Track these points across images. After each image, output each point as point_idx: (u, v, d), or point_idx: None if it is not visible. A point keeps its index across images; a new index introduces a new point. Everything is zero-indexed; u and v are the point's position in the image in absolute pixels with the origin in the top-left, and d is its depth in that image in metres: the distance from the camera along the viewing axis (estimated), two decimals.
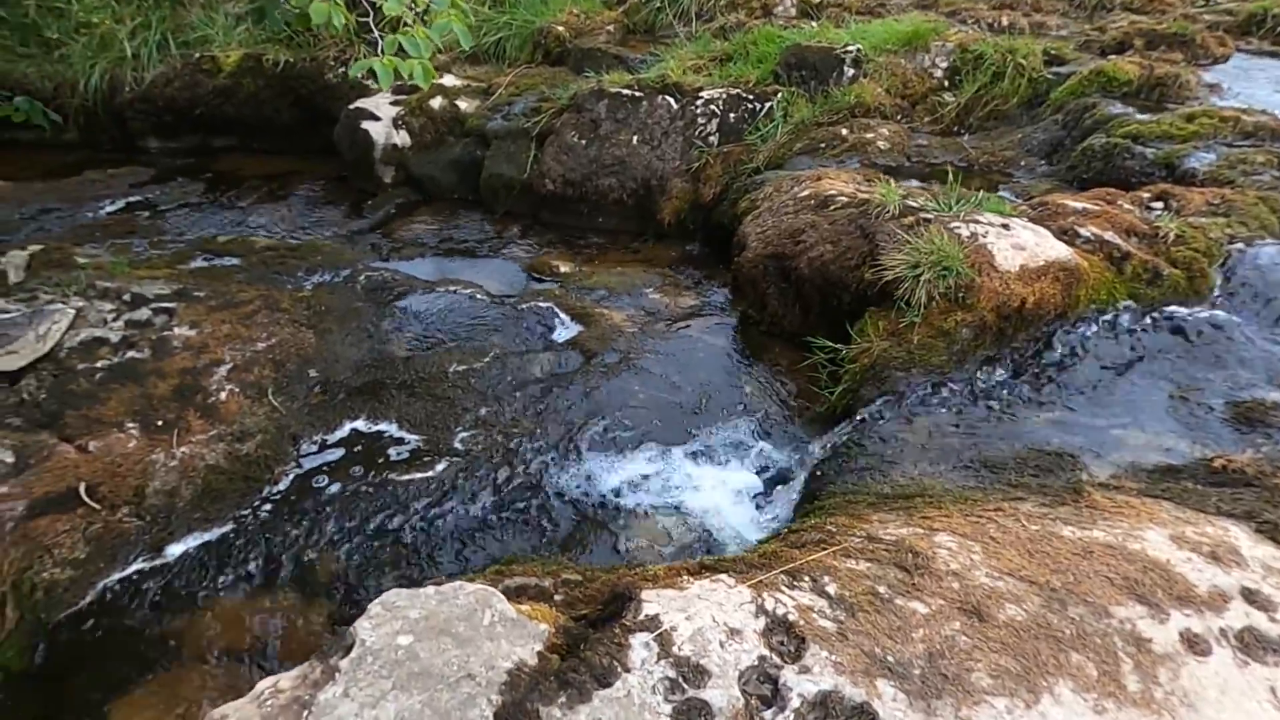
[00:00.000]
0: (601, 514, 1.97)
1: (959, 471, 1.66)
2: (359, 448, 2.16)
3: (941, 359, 1.94)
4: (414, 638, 1.12)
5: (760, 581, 1.31)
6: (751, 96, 3.53)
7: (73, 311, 2.42)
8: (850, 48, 3.52)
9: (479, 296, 2.98)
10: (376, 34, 2.64)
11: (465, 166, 4.08)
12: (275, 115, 4.66)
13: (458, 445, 2.16)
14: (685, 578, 1.38)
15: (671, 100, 3.62)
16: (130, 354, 2.32)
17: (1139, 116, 3.06)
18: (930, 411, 1.85)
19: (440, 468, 2.08)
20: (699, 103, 3.54)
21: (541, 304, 2.90)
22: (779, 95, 3.50)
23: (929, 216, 2.19)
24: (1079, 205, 2.39)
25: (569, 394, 2.36)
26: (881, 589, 1.28)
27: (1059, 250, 2.09)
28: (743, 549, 1.64)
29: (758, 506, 1.95)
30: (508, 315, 2.85)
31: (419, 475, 2.06)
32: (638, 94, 3.67)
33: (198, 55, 4.62)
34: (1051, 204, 2.42)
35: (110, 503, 1.87)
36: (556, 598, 1.50)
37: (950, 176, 2.52)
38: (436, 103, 4.21)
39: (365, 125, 4.14)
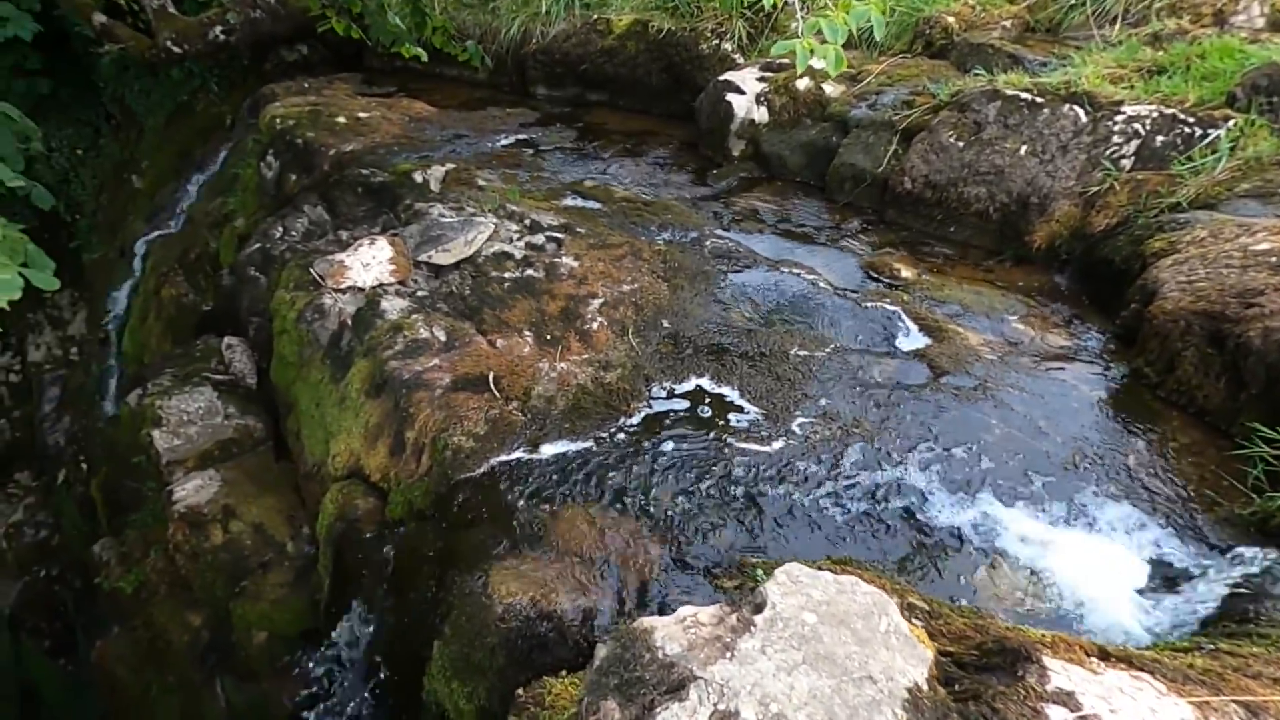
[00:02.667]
0: (941, 545, 1.83)
1: None
2: (703, 405, 2.26)
3: None
4: (818, 619, 1.12)
5: (1206, 703, 1.09)
6: (1191, 119, 2.96)
7: (492, 226, 2.86)
8: None
9: (820, 285, 2.93)
10: (799, 17, 2.66)
11: (816, 151, 4.03)
12: (646, 78, 5.03)
13: (796, 429, 2.15)
14: (1089, 659, 1.21)
15: (1080, 111, 3.17)
16: (529, 272, 2.68)
17: None
18: None
19: (777, 446, 2.10)
20: (1118, 119, 3.06)
21: (886, 306, 2.77)
22: (1231, 122, 2.89)
23: None
24: None
25: (914, 408, 2.23)
26: None
27: None
28: (1149, 648, 1.40)
29: (1142, 600, 1.66)
30: (849, 310, 2.77)
31: (756, 447, 2.09)
32: (1038, 99, 3.28)
33: (595, 17, 5.14)
34: None
35: (506, 395, 2.19)
36: (915, 622, 1.42)
37: None
38: (802, 84, 4.19)
39: (729, 97, 4.27)
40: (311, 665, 2.43)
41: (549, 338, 2.38)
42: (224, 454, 2.84)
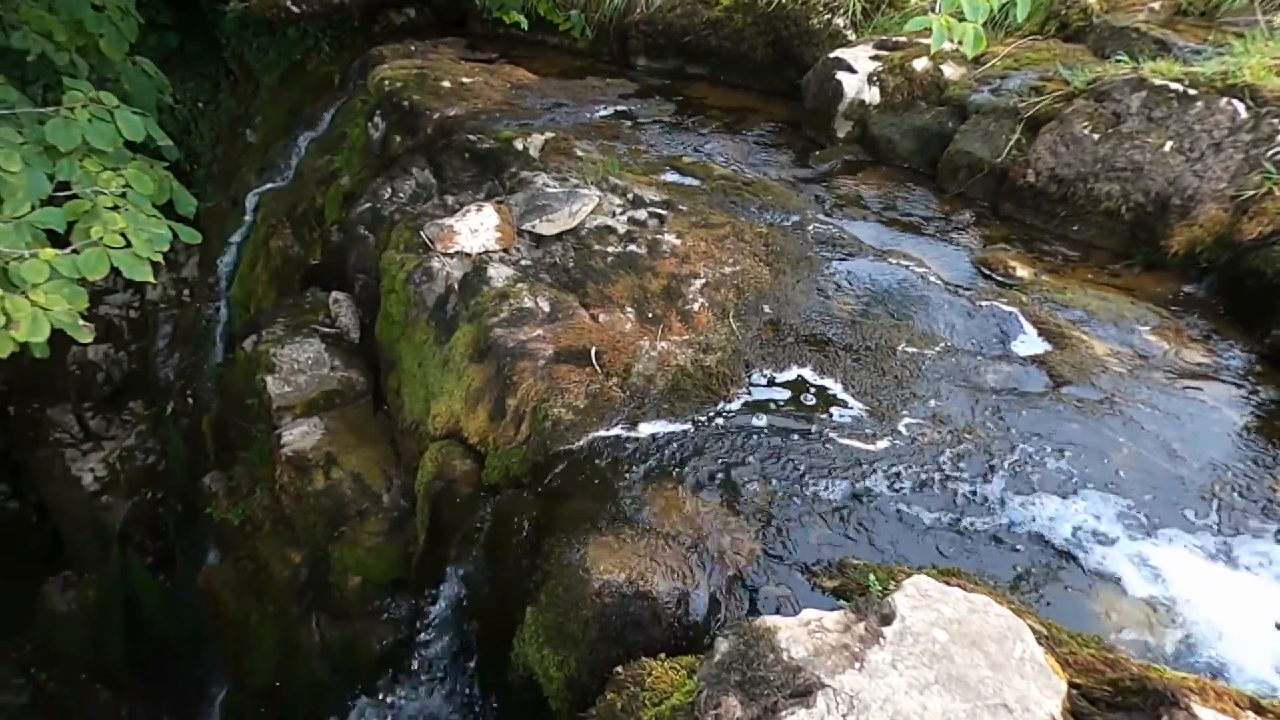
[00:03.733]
0: (1058, 567, 1.73)
1: None
2: (804, 396, 2.20)
3: None
4: (949, 637, 1.07)
5: None
6: None
7: (596, 199, 2.85)
8: None
9: (930, 279, 2.80)
10: None
11: (929, 136, 3.83)
12: (750, 52, 4.88)
13: (902, 429, 2.07)
14: (1242, 711, 1.12)
15: (1239, 106, 2.89)
16: (631, 247, 2.66)
17: None
18: None
19: (882, 445, 2.02)
20: None
21: (1002, 306, 2.62)
22: None
23: None
24: None
25: (1032, 417, 2.11)
26: None
27: None
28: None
29: None
30: (960, 308, 2.64)
31: (859, 444, 2.03)
32: (1190, 91, 3.00)
33: None
34: None
35: (607, 371, 2.19)
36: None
37: None
38: (919, 64, 3.98)
39: (839, 76, 4.09)
40: (402, 613, 2.54)
41: (650, 316, 2.36)
42: (328, 403, 2.97)
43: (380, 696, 2.49)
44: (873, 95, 4.03)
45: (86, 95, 2.09)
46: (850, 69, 4.10)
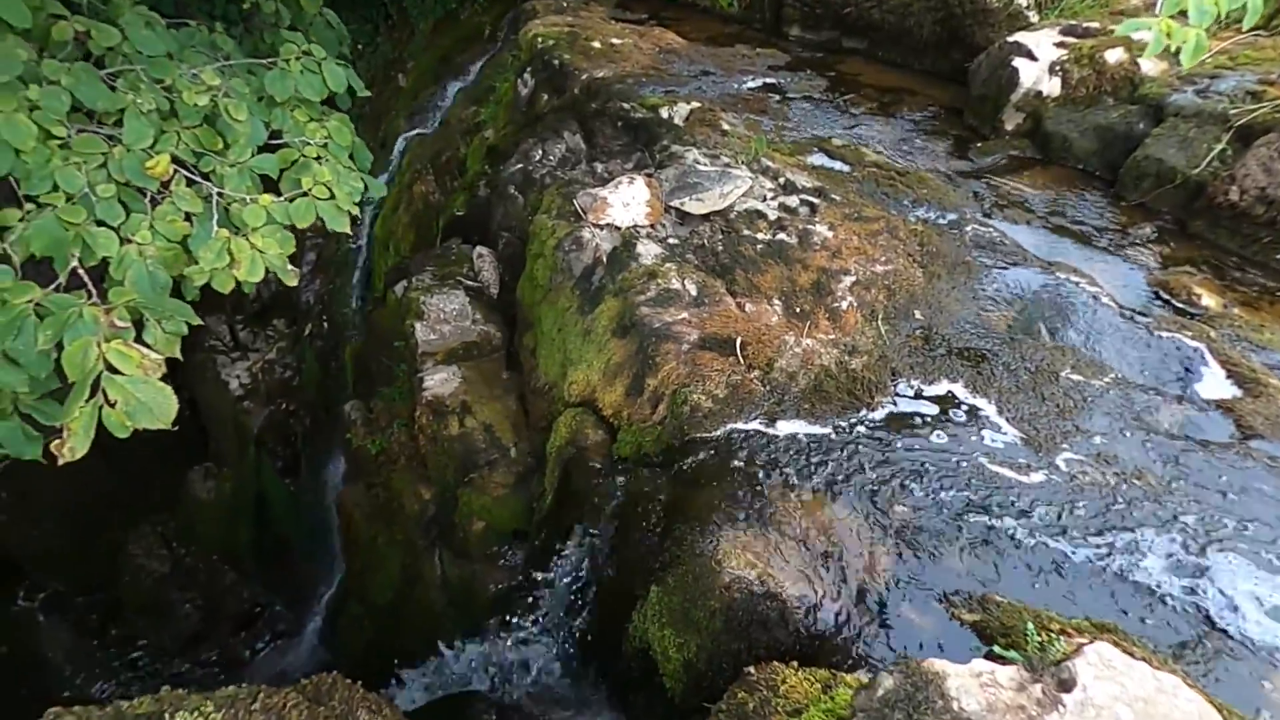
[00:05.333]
0: (1225, 637, 1.60)
1: None
2: (953, 413, 2.11)
3: None
4: (1134, 716, 1.01)
5: None
6: None
7: (748, 182, 2.79)
8: None
9: (1102, 299, 2.58)
10: None
11: (1113, 137, 3.49)
12: (915, 28, 4.58)
13: (1060, 464, 1.95)
14: None
15: None
16: (780, 236, 2.59)
17: None
18: None
19: (1036, 478, 1.92)
20: None
21: (1185, 339, 2.39)
22: None
23: None
24: None
25: (1212, 470, 1.93)
26: None
27: None
28: None
29: None
30: (1134, 335, 2.43)
31: (1011, 474, 1.93)
32: None
33: None
34: None
35: (749, 363, 2.17)
36: None
37: None
38: (1113, 55, 3.61)
39: (1016, 62, 3.78)
40: (518, 561, 2.68)
41: (798, 310, 2.31)
42: (465, 354, 3.12)
43: (491, 635, 2.66)
44: (1052, 86, 3.71)
45: (300, 47, 2.24)
46: (1030, 55, 3.77)
